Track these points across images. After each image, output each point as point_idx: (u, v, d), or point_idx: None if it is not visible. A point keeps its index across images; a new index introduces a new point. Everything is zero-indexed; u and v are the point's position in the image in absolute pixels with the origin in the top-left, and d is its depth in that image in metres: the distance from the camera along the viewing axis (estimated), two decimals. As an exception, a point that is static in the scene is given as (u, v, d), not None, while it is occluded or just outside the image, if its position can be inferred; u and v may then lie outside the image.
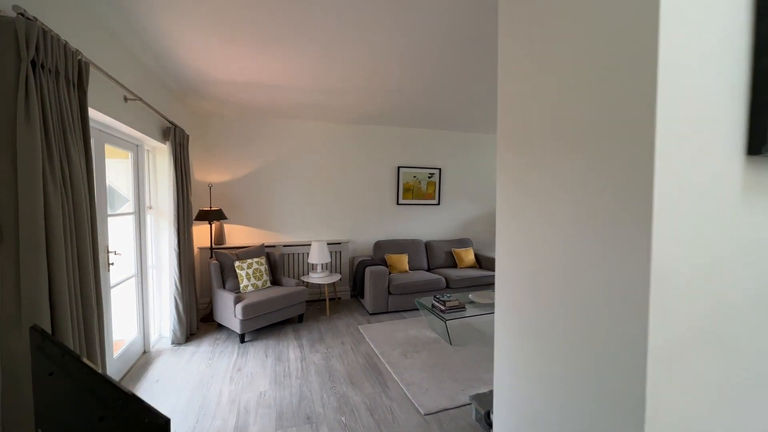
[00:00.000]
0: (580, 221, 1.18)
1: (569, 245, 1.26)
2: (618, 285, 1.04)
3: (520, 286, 1.53)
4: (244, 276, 3.65)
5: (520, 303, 1.54)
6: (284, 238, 4.63)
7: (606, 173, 1.08)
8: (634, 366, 0.98)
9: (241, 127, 4.36)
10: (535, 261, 1.43)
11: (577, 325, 1.25)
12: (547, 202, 1.35)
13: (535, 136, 1.40)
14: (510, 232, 1.61)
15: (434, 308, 3.36)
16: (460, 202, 5.50)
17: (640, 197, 0.95)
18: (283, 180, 4.57)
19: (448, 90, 3.31)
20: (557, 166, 1.31)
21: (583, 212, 1.18)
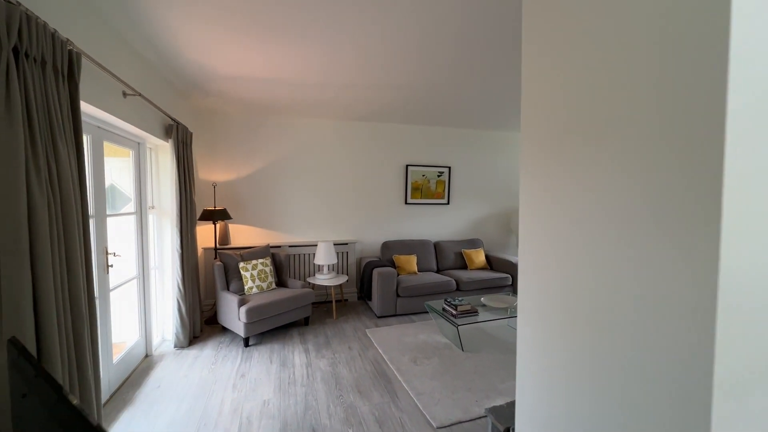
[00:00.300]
0: (623, 223, 1.04)
1: (607, 251, 1.12)
2: (674, 297, 0.89)
3: (548, 295, 1.39)
4: (248, 277, 3.55)
5: (548, 313, 1.40)
6: (290, 238, 4.53)
7: (660, 169, 0.93)
8: (694, 396, 0.83)
9: (246, 124, 4.27)
10: (565, 267, 1.29)
11: (615, 342, 1.11)
12: (580, 204, 1.20)
13: (568, 134, 1.25)
14: (536, 236, 1.46)
15: (445, 312, 3.22)
16: (470, 202, 5.34)
17: (706, 193, 0.80)
18: (289, 179, 4.47)
19: (461, 85, 3.16)
20: (594, 164, 1.16)
21: (624, 213, 1.03)
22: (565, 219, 1.26)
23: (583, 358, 1.21)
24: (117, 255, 2.43)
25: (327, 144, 4.58)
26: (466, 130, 5.22)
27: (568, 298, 1.29)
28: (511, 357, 2.96)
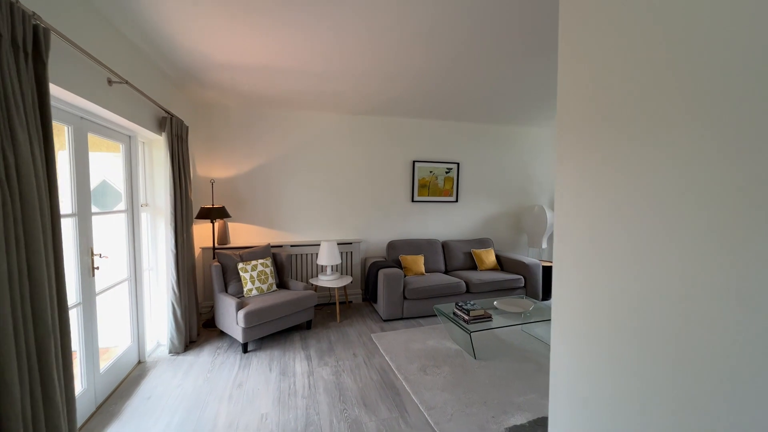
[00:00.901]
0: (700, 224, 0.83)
1: (669, 258, 0.91)
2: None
3: (590, 307, 1.18)
4: (248, 279, 3.37)
5: (589, 328, 1.19)
6: (292, 237, 4.34)
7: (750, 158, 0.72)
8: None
9: (246, 118, 4.07)
10: (614, 277, 1.08)
11: (677, 369, 0.90)
12: (639, 203, 0.99)
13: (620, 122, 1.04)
14: (576, 239, 1.25)
15: (456, 317, 3.01)
16: (479, 199, 5.12)
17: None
18: (291, 176, 4.28)
19: (474, 72, 2.94)
20: (655, 154, 0.95)
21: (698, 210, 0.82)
22: (621, 221, 1.05)
23: (644, 392, 1.00)
24: (104, 257, 2.25)
25: (331, 139, 4.38)
26: (476, 124, 4.99)
27: (618, 313, 1.08)
28: (528, 366, 2.76)
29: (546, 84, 3.32)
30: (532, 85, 3.36)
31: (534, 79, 3.16)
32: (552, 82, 3.24)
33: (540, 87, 3.39)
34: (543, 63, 2.82)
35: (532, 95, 3.67)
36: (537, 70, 2.93)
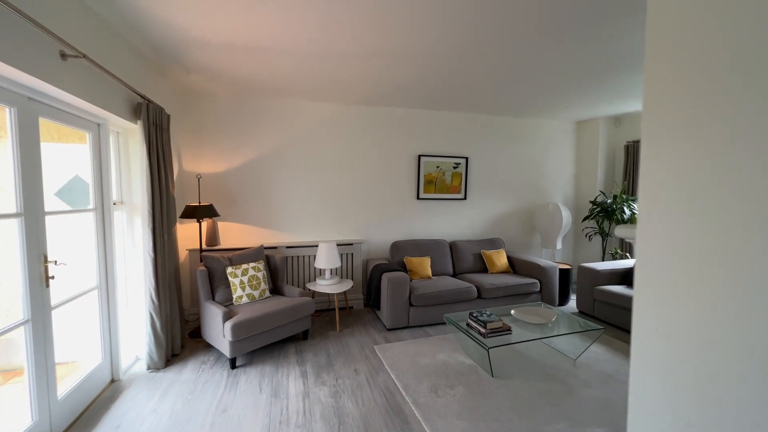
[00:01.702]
0: None
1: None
2: None
3: (704, 335, 0.84)
4: (237, 284, 3.04)
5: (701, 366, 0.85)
6: (287, 238, 4.00)
7: None
8: None
9: (236, 108, 3.72)
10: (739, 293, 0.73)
11: None
12: None
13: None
14: (676, 242, 0.90)
15: (470, 329, 2.68)
16: (489, 197, 4.78)
17: None
18: (286, 171, 3.93)
19: (486, 60, 2.60)
20: None
21: None
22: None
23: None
24: (60, 263, 1.92)
25: (329, 131, 4.03)
26: (486, 116, 4.64)
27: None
28: (554, 386, 2.43)
29: (563, 72, 2.98)
30: (549, 73, 3.02)
31: (551, 66, 2.82)
32: (571, 70, 2.89)
33: (557, 75, 3.06)
34: (561, 49, 2.48)
35: (547, 84, 3.33)
36: (554, 56, 2.59)
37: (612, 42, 2.42)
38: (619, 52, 2.61)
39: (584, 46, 2.48)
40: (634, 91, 3.60)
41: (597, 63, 2.80)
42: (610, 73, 3.04)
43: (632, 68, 2.97)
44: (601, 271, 3.73)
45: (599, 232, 4.67)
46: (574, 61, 2.75)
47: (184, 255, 3.61)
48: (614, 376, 2.57)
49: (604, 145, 4.91)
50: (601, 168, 4.92)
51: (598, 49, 2.53)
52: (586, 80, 3.21)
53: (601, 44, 2.45)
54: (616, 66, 2.88)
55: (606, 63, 2.81)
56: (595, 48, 2.52)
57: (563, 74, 3.06)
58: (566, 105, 4.14)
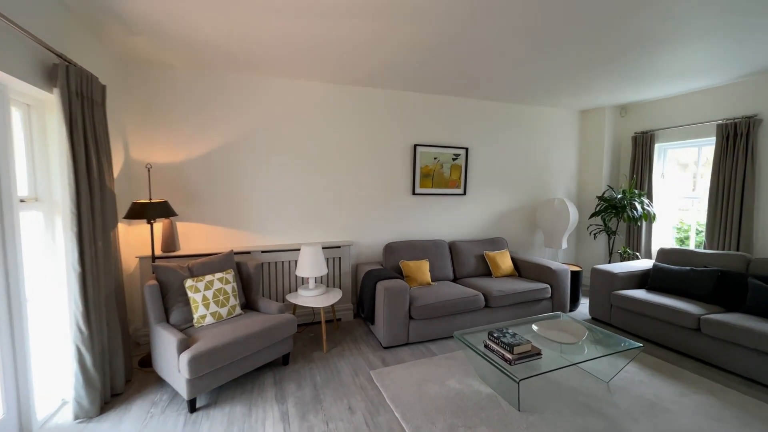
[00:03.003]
0: None
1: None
2: None
3: None
4: (199, 301, 2.43)
5: None
6: (262, 240, 3.40)
7: None
8: None
9: (199, 84, 3.07)
10: None
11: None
12: None
13: None
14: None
15: (489, 351, 2.21)
16: (490, 192, 4.34)
17: None
18: (261, 162, 3.32)
19: (490, 36, 2.10)
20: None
21: None
22: None
23: None
24: None
25: (312, 116, 3.44)
26: (488, 102, 4.19)
27: None
28: (594, 421, 1.99)
29: (571, 54, 2.57)
30: (556, 55, 2.61)
31: (558, 48, 2.39)
32: (580, 53, 2.46)
33: (564, 58, 2.68)
34: (570, 30, 2.03)
35: (554, 66, 2.92)
36: (564, 37, 2.13)
37: (621, 22, 2.16)
38: (627, 34, 2.33)
39: (592, 26, 2.18)
40: (642, 76, 3.25)
41: (605, 44, 2.50)
42: (618, 55, 2.73)
43: (641, 52, 2.66)
44: (618, 274, 3.36)
45: (605, 230, 4.34)
46: (582, 41, 2.36)
47: (134, 264, 2.95)
48: (658, 404, 2.17)
49: (610, 137, 4.57)
50: (606, 161, 4.59)
51: (606, 29, 2.25)
52: (595, 61, 2.84)
53: (610, 24, 2.18)
54: (624, 48, 2.58)
55: (614, 44, 2.51)
56: (604, 28, 2.24)
57: (571, 58, 2.67)
58: (572, 91, 3.74)
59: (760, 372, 2.38)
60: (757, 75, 3.24)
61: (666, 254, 3.51)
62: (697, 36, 2.39)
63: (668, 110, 4.04)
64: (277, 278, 3.32)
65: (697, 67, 3.04)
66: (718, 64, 2.96)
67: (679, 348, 2.83)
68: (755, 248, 3.37)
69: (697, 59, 2.84)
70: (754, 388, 2.38)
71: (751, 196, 3.34)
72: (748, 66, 3.02)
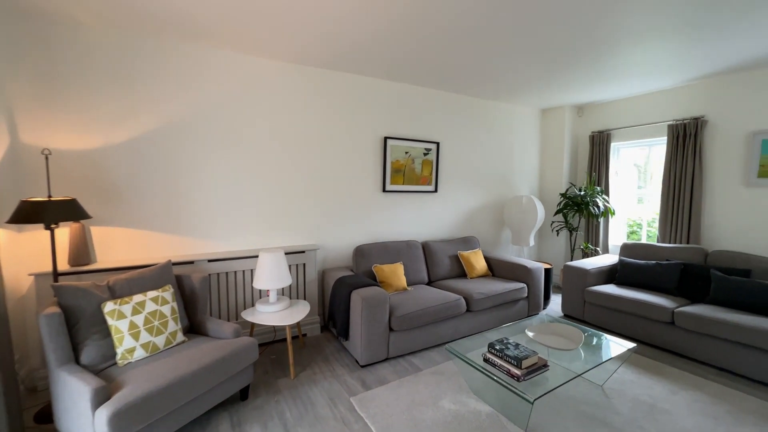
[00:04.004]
0: None
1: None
2: None
3: None
4: (124, 330, 1.84)
5: None
6: (209, 247, 2.82)
7: None
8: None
9: (120, 50, 2.42)
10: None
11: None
12: None
13: None
14: None
15: (491, 365, 1.96)
16: (460, 189, 4.18)
17: None
18: (209, 153, 2.74)
19: (469, 20, 1.89)
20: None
21: None
22: None
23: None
24: None
25: (268, 99, 2.94)
26: (458, 96, 4.01)
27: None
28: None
29: (530, 51, 2.64)
30: (517, 50, 2.63)
31: (518, 43, 2.36)
32: (539, 52, 2.38)
33: (524, 54, 2.75)
34: (528, 26, 1.90)
35: (517, 63, 2.90)
36: (523, 32, 2.00)
37: (579, 27, 2.26)
38: (583, 35, 2.41)
39: (555, 27, 2.26)
40: (598, 77, 3.37)
41: (563, 43, 2.56)
42: (575, 58, 2.83)
43: (596, 57, 2.80)
44: (590, 271, 3.37)
45: (566, 227, 4.42)
46: (540, 39, 2.46)
47: (28, 283, 2.22)
48: (656, 405, 2.10)
49: (570, 135, 4.69)
50: (566, 159, 4.69)
51: (565, 28, 2.31)
52: (554, 61, 2.91)
53: (568, 23, 2.24)
54: (582, 51, 2.67)
55: (573, 47, 2.60)
56: (565, 31, 2.32)
57: (530, 51, 2.71)
58: (534, 89, 3.77)
59: (733, 362, 2.45)
60: (704, 79, 3.46)
61: (629, 249, 3.61)
62: (650, 40, 2.48)
63: (623, 111, 4.21)
64: (230, 292, 2.77)
65: (650, 70, 3.15)
66: (669, 67, 3.08)
67: (654, 342, 2.87)
68: (703, 241, 3.59)
69: (650, 62, 2.95)
70: (728, 377, 2.44)
71: (699, 193, 3.56)
72: (696, 70, 3.18)
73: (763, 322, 2.35)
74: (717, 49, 2.67)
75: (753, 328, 2.33)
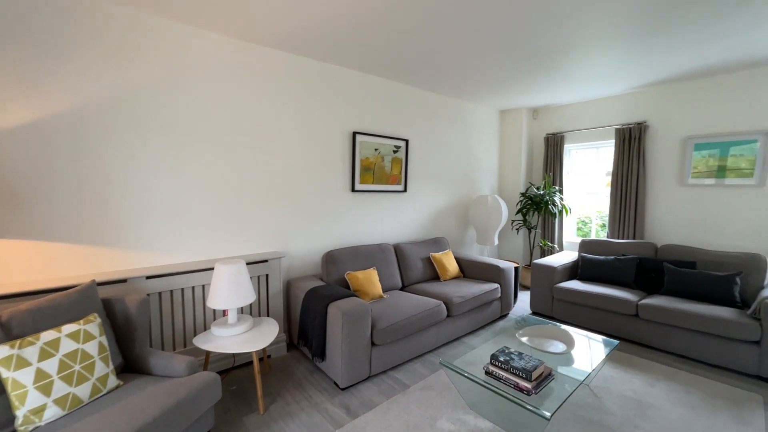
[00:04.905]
0: None
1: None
2: None
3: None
4: (28, 384, 1.34)
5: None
6: (147, 260, 2.29)
7: None
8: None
9: (29, 4, 1.81)
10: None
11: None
12: None
13: None
14: None
15: (495, 378, 1.81)
16: (427, 189, 4.05)
17: None
18: (144, 142, 2.21)
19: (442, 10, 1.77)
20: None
21: None
22: None
23: None
24: None
25: (224, 83, 2.49)
26: (426, 92, 3.87)
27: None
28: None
29: (489, 53, 2.74)
30: (494, 47, 2.63)
31: (477, 41, 2.39)
32: (497, 54, 2.37)
33: (484, 56, 2.82)
34: (487, 29, 1.87)
35: (477, 63, 2.95)
36: (482, 35, 1.97)
37: (538, 34, 2.41)
38: (544, 45, 2.58)
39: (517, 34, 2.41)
40: (554, 83, 3.56)
41: (528, 51, 2.72)
42: (534, 63, 2.98)
43: (552, 64, 2.98)
44: (557, 268, 3.46)
45: (525, 225, 4.56)
46: (500, 43, 2.57)
47: None
48: (641, 401, 2.13)
49: (527, 136, 4.84)
50: (524, 159, 4.84)
51: (528, 39, 2.47)
52: (520, 62, 2.99)
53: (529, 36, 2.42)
54: (540, 56, 2.81)
55: (534, 52, 2.74)
56: (525, 38, 2.49)
57: (489, 53, 2.79)
58: (493, 90, 3.84)
59: (691, 349, 2.63)
60: (647, 87, 3.75)
61: (587, 245, 3.79)
62: (600, 50, 2.66)
63: (575, 114, 4.44)
64: (176, 315, 2.27)
65: (600, 77, 3.37)
66: (617, 76, 3.32)
67: (621, 334, 3.01)
68: (646, 235, 3.91)
69: (600, 70, 3.16)
70: (691, 364, 2.61)
71: (644, 191, 3.87)
72: (641, 78, 3.43)
73: (714, 310, 2.56)
74: (656, 61, 2.94)
75: (707, 316, 2.52)
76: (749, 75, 3.19)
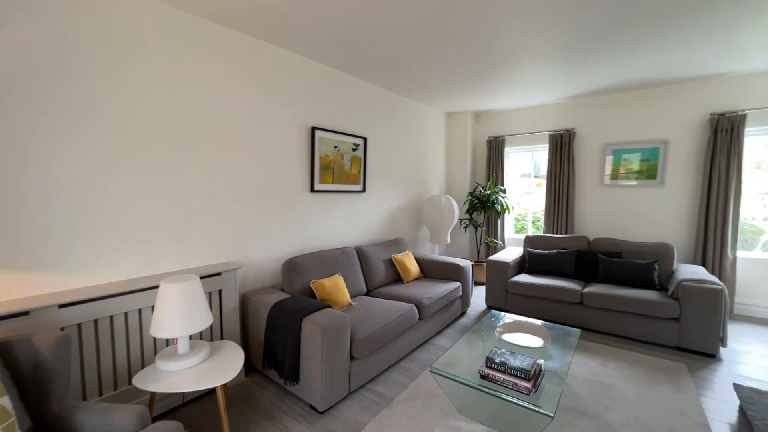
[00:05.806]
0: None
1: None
2: None
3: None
4: None
5: None
6: (63, 282, 1.75)
7: None
8: None
9: None
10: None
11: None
12: None
13: None
14: None
15: (491, 381, 1.78)
16: (384, 189, 3.96)
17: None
18: (52, 129, 1.67)
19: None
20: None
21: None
22: None
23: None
24: None
25: (153, 57, 2.03)
26: (383, 90, 3.77)
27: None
28: (589, 423, 1.90)
29: (433, 56, 2.87)
30: (443, 47, 2.70)
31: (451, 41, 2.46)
32: (443, 57, 2.50)
33: (428, 59, 2.93)
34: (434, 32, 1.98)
35: (442, 59, 2.97)
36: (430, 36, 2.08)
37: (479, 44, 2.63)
38: (484, 53, 2.79)
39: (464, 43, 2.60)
40: (496, 89, 3.83)
41: (471, 58, 2.90)
42: (478, 70, 3.18)
43: (494, 72, 3.24)
44: (510, 263, 3.66)
45: (471, 223, 4.77)
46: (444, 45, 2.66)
47: None
48: (603, 381, 2.34)
49: (471, 139, 5.07)
50: (469, 160, 5.06)
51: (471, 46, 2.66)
52: (465, 67, 3.15)
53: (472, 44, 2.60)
54: (482, 63, 3.01)
55: (477, 59, 2.92)
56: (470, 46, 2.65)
57: (433, 56, 2.89)
58: (440, 92, 3.95)
59: (626, 329, 3.00)
60: (576, 98, 4.21)
61: (531, 240, 4.10)
62: (535, 62, 2.95)
63: (514, 120, 4.79)
64: (103, 351, 1.77)
65: (535, 87, 3.70)
66: (550, 86, 3.69)
67: (568, 321, 3.29)
68: (576, 230, 4.40)
69: (535, 80, 3.48)
70: (627, 343, 2.97)
71: (573, 191, 4.34)
72: (572, 89, 3.84)
73: (642, 294, 2.95)
74: (581, 76, 3.34)
75: (638, 299, 2.90)
76: (657, 92, 3.77)
